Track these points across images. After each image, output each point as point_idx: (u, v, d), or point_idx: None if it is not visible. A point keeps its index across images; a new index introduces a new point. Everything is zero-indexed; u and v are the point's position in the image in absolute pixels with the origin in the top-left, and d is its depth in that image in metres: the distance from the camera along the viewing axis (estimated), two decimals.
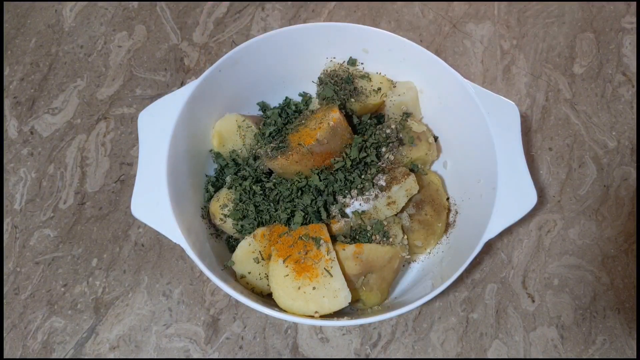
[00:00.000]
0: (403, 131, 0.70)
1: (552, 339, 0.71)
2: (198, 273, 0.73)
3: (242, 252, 0.64)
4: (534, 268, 0.74)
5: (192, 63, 0.86)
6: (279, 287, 0.59)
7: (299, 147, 0.64)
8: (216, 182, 0.72)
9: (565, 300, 0.73)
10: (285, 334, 0.70)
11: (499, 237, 0.64)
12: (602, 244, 0.76)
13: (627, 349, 0.70)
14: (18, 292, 0.72)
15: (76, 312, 0.71)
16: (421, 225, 0.68)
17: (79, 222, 0.76)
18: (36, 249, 0.74)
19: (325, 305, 0.58)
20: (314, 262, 0.59)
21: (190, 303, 0.72)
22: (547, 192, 0.79)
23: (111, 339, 0.70)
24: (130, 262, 0.74)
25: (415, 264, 0.72)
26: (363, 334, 0.71)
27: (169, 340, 0.70)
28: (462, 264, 0.59)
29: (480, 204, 0.66)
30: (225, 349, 0.70)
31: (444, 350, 0.70)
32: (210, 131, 0.72)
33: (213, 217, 0.68)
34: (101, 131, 0.81)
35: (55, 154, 0.80)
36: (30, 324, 0.71)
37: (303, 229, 0.62)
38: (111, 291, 0.72)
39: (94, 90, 0.84)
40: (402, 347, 0.70)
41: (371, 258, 0.62)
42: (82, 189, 0.78)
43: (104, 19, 0.89)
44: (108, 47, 0.87)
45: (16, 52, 0.86)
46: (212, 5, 0.90)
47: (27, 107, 0.83)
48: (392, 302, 0.68)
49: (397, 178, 0.66)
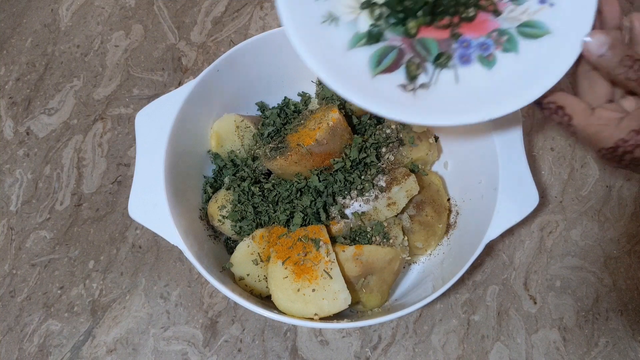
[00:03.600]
0: (403, 131, 0.70)
1: (555, 341, 0.70)
2: (196, 275, 0.73)
3: (240, 254, 0.63)
4: (535, 269, 0.74)
5: (190, 63, 0.86)
6: (278, 289, 0.58)
7: (298, 147, 0.63)
8: (214, 183, 0.72)
9: (567, 302, 0.72)
10: (285, 337, 0.70)
11: (500, 238, 0.64)
12: (604, 245, 0.75)
13: (629, 351, 0.70)
14: (14, 295, 0.72)
15: (73, 315, 0.71)
16: (422, 227, 0.68)
17: (76, 224, 0.75)
18: (32, 251, 0.74)
19: (324, 308, 0.57)
20: (313, 264, 0.58)
21: (188, 305, 0.71)
22: (548, 192, 0.78)
23: (108, 342, 0.69)
24: (127, 264, 0.73)
25: (416, 265, 0.71)
26: (363, 337, 0.70)
27: (167, 343, 0.69)
28: (463, 265, 0.59)
29: (482, 205, 0.66)
30: (223, 352, 0.69)
31: (445, 352, 0.69)
32: (208, 131, 0.71)
33: (211, 219, 0.68)
34: (98, 132, 0.81)
35: (52, 155, 0.79)
36: (26, 327, 0.70)
37: (302, 230, 0.62)
38: (108, 293, 0.72)
39: (90, 90, 0.83)
40: (402, 350, 0.69)
41: (371, 260, 0.61)
42: (79, 190, 0.77)
43: (101, 19, 0.88)
44: (105, 47, 0.86)
45: (12, 52, 0.86)
46: (210, 5, 0.90)
47: (23, 108, 0.82)
48: (393, 304, 0.67)
49: (398, 179, 0.66)
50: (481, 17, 0.54)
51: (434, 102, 0.51)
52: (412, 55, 0.53)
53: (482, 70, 0.52)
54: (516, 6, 0.54)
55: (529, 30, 0.53)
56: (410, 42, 0.54)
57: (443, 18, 0.54)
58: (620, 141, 0.48)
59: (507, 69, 0.52)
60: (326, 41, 0.52)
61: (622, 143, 0.48)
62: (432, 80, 0.52)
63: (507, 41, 0.53)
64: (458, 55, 0.53)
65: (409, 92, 0.52)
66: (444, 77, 0.52)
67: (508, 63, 0.52)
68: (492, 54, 0.53)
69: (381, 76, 0.52)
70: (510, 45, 0.52)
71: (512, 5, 0.54)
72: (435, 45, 0.53)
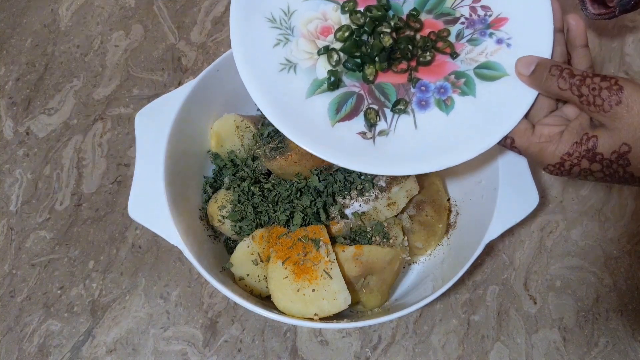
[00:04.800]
0: None
1: (555, 341, 0.70)
2: (196, 275, 0.73)
3: (240, 254, 0.63)
4: (535, 269, 0.74)
5: (190, 63, 0.86)
6: (278, 289, 0.58)
7: (298, 147, 0.63)
8: (214, 183, 0.72)
9: (567, 302, 0.72)
10: (285, 337, 0.70)
11: (500, 238, 0.64)
12: (604, 245, 0.75)
13: (630, 351, 0.70)
14: (14, 295, 0.72)
15: (73, 315, 0.71)
16: (422, 227, 0.68)
17: (76, 224, 0.75)
18: (32, 251, 0.74)
19: (324, 308, 0.57)
20: (313, 264, 0.58)
21: (188, 306, 0.71)
22: (548, 192, 0.78)
23: (108, 342, 0.69)
24: (127, 264, 0.73)
25: (416, 265, 0.71)
26: (363, 337, 0.70)
27: (166, 344, 0.69)
28: (463, 265, 0.59)
29: (482, 205, 0.66)
30: (223, 352, 0.69)
31: (445, 353, 0.69)
32: (208, 131, 0.71)
33: (211, 219, 0.68)
34: (98, 132, 0.81)
35: (52, 155, 0.79)
36: (26, 327, 0.70)
37: (302, 230, 0.62)
38: (108, 294, 0.72)
39: (90, 90, 0.83)
40: (402, 350, 0.69)
41: (371, 260, 0.61)
42: (79, 190, 0.77)
43: (101, 19, 0.88)
44: (105, 47, 0.86)
45: (12, 52, 0.86)
46: (210, 5, 0.90)
47: (23, 108, 0.82)
48: (393, 304, 0.67)
49: (398, 179, 0.66)
50: (439, 60, 0.54)
51: (392, 150, 0.50)
52: (370, 101, 0.52)
53: (441, 115, 0.52)
54: (474, 47, 0.53)
55: (487, 72, 0.52)
56: (368, 87, 0.53)
57: (400, 63, 0.53)
58: (566, 155, 0.47)
59: (465, 112, 0.51)
60: (284, 89, 0.51)
61: (568, 157, 0.47)
62: (391, 127, 0.51)
63: (464, 84, 0.52)
64: (416, 100, 0.52)
65: (368, 140, 0.51)
66: (403, 123, 0.52)
67: (466, 107, 0.51)
68: (450, 97, 0.52)
69: (341, 124, 0.51)
70: (468, 88, 0.52)
71: (469, 46, 0.54)
72: (393, 90, 0.53)
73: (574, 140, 0.47)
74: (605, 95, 0.44)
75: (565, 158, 0.47)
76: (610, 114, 0.44)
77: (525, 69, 0.49)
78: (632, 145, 0.44)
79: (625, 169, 0.45)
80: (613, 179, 0.47)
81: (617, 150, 0.45)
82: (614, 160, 0.45)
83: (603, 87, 0.44)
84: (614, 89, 0.44)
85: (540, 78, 0.48)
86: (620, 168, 0.45)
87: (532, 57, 0.49)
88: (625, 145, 0.44)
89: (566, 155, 0.47)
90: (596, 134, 0.46)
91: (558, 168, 0.48)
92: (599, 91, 0.44)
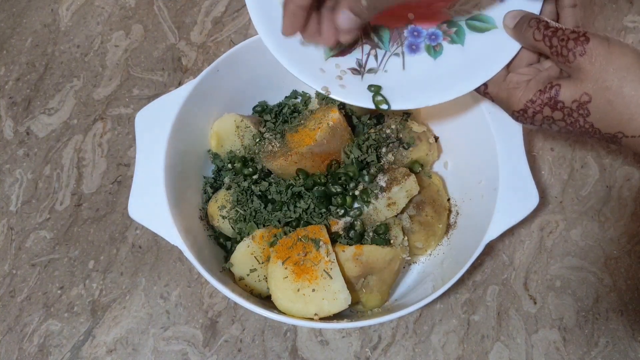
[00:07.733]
0: (403, 131, 0.70)
1: (555, 342, 0.70)
2: (196, 275, 0.73)
3: (240, 254, 0.63)
4: (535, 269, 0.74)
5: (190, 63, 0.86)
6: (278, 289, 0.58)
7: (298, 147, 0.63)
8: (214, 183, 0.72)
9: (567, 302, 0.72)
10: (285, 337, 0.70)
11: (500, 238, 0.64)
12: (604, 245, 0.75)
13: (630, 351, 0.70)
14: (14, 295, 0.72)
15: (73, 315, 0.71)
16: (422, 227, 0.68)
17: (76, 224, 0.75)
18: (32, 251, 0.74)
19: (324, 308, 0.57)
20: (313, 264, 0.58)
21: (188, 305, 0.71)
22: (548, 192, 0.78)
23: (108, 342, 0.69)
24: (127, 264, 0.73)
25: (416, 265, 0.71)
26: (363, 337, 0.70)
27: (166, 343, 0.69)
28: (463, 265, 0.59)
29: (482, 205, 0.66)
30: (223, 352, 0.69)
31: (445, 353, 0.69)
32: (208, 131, 0.71)
33: (211, 219, 0.68)
34: (98, 132, 0.81)
35: (52, 155, 0.79)
36: (26, 327, 0.70)
37: (302, 230, 0.62)
38: (108, 294, 0.72)
39: (90, 90, 0.83)
40: (402, 350, 0.69)
41: (371, 260, 0.61)
42: (79, 190, 0.77)
43: (101, 19, 0.88)
44: (105, 47, 0.86)
45: (12, 52, 0.86)
46: (210, 5, 0.90)
47: (23, 108, 0.82)
48: (393, 304, 0.67)
49: (398, 179, 0.66)
50: (435, 8, 0.56)
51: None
52: (364, 41, 0.56)
53: (428, 59, 0.55)
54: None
55: (477, 24, 0.55)
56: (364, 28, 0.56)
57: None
58: (529, 102, 0.49)
59: (451, 59, 0.55)
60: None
61: (531, 104, 0.49)
62: (381, 66, 0.55)
63: (455, 33, 0.55)
64: (407, 44, 0.56)
65: (356, 76, 0.55)
66: (392, 64, 0.55)
67: (453, 54, 0.55)
68: (440, 44, 0.55)
69: (333, 59, 0.55)
70: (458, 37, 0.55)
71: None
72: (387, 33, 0.56)
73: (538, 88, 0.48)
74: (571, 46, 0.45)
75: (528, 105, 0.49)
76: (574, 64, 0.46)
77: (511, 21, 0.51)
78: (593, 96, 0.45)
79: (585, 118, 0.47)
80: (574, 128, 0.48)
81: (578, 99, 0.46)
82: (574, 109, 0.47)
83: (571, 37, 0.46)
84: (580, 40, 0.45)
85: (521, 29, 0.50)
86: (580, 117, 0.47)
87: (518, 11, 0.52)
88: (586, 95, 0.45)
89: (529, 102, 0.49)
90: (560, 83, 0.47)
91: (522, 114, 0.50)
92: (566, 42, 0.46)
